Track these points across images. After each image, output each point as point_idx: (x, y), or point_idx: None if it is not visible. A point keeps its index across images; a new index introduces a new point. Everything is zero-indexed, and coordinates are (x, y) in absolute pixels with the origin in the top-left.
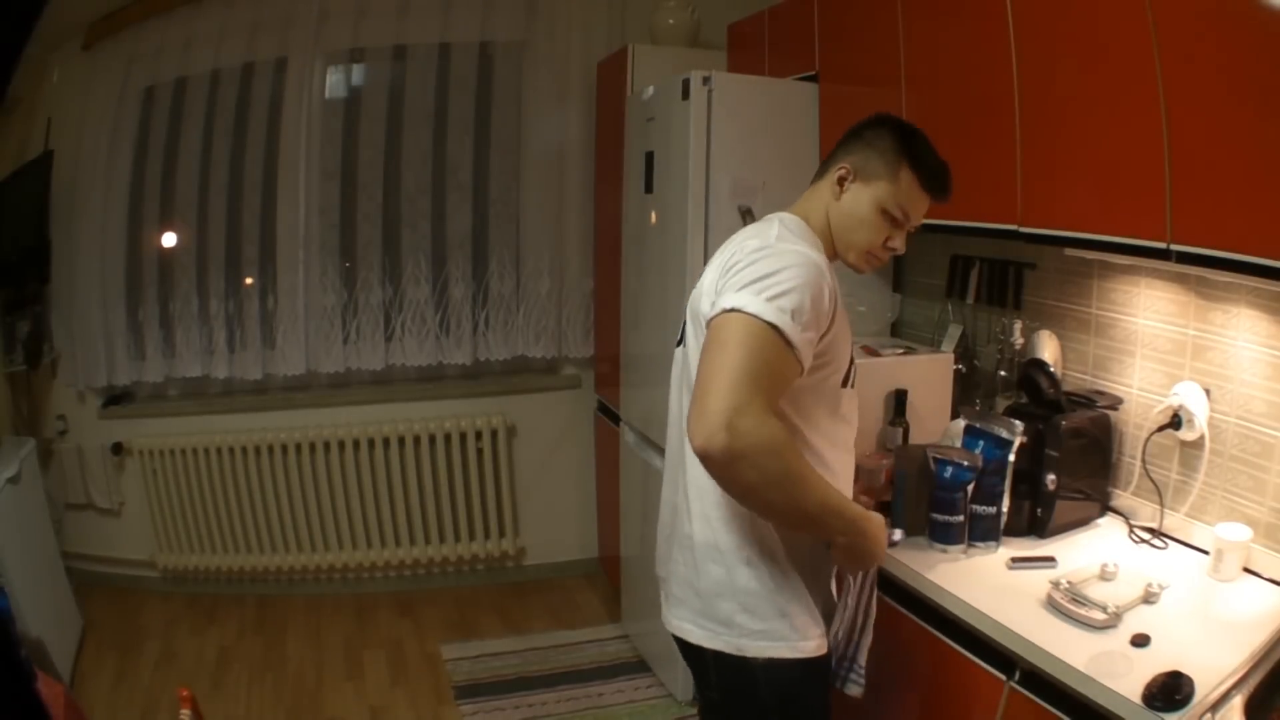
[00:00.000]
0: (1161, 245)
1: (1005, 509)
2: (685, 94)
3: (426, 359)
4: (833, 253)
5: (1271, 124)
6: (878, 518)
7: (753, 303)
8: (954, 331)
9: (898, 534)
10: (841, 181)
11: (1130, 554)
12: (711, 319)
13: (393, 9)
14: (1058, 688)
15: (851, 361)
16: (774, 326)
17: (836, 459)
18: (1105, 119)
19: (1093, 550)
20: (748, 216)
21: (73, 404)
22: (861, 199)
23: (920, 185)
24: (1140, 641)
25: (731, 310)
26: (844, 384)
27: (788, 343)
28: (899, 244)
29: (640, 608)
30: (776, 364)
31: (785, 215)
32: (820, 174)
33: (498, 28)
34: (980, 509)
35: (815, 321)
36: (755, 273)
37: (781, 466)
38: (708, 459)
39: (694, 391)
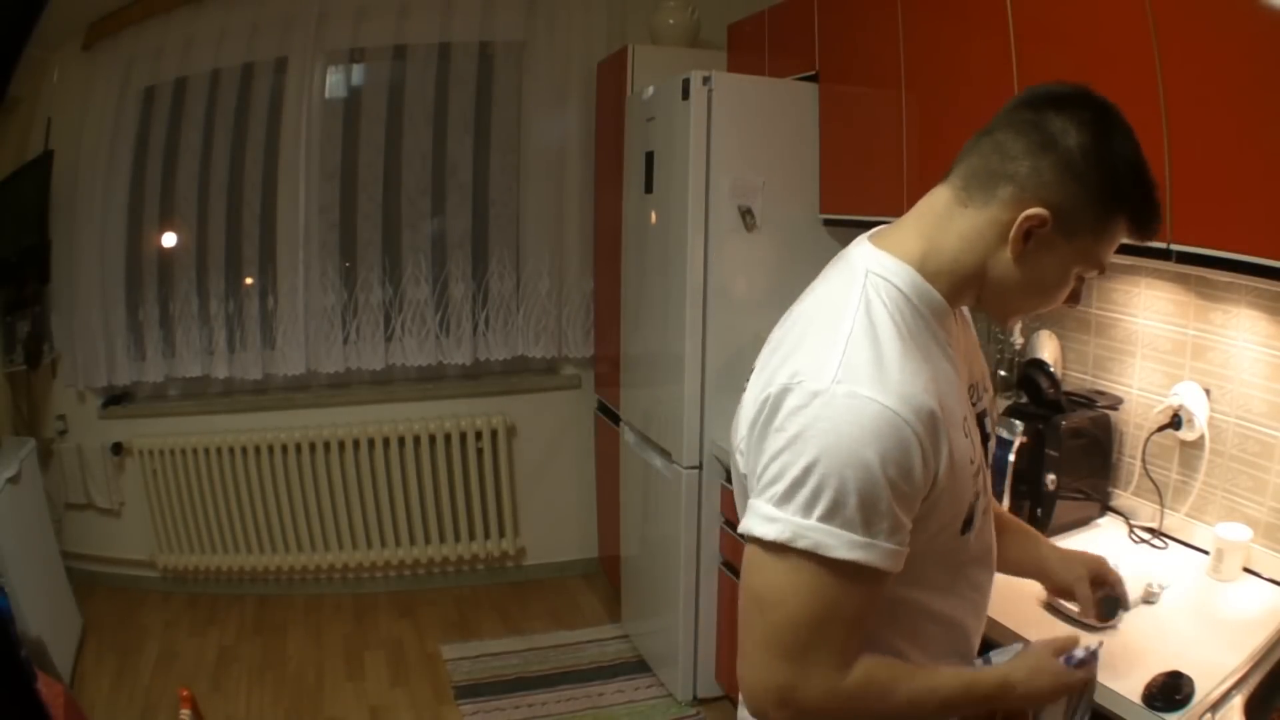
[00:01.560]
0: (1161, 245)
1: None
2: (685, 94)
3: (426, 359)
4: (966, 300)
5: (1271, 124)
6: (1027, 663)
7: (801, 530)
8: None
9: (1094, 641)
10: (1029, 235)
11: (1130, 554)
12: (740, 532)
13: (393, 9)
14: None
15: (977, 496)
16: (842, 562)
17: (967, 614)
18: None
19: (1093, 550)
20: (747, 216)
21: (73, 404)
22: (1056, 259)
23: (1131, 230)
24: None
25: (762, 542)
26: (965, 529)
27: (863, 569)
28: (1080, 298)
29: (640, 608)
30: (847, 603)
31: (883, 268)
32: (970, 185)
33: (498, 28)
34: None
35: (898, 509)
36: (796, 464)
37: (870, 711)
38: None
39: (739, 633)
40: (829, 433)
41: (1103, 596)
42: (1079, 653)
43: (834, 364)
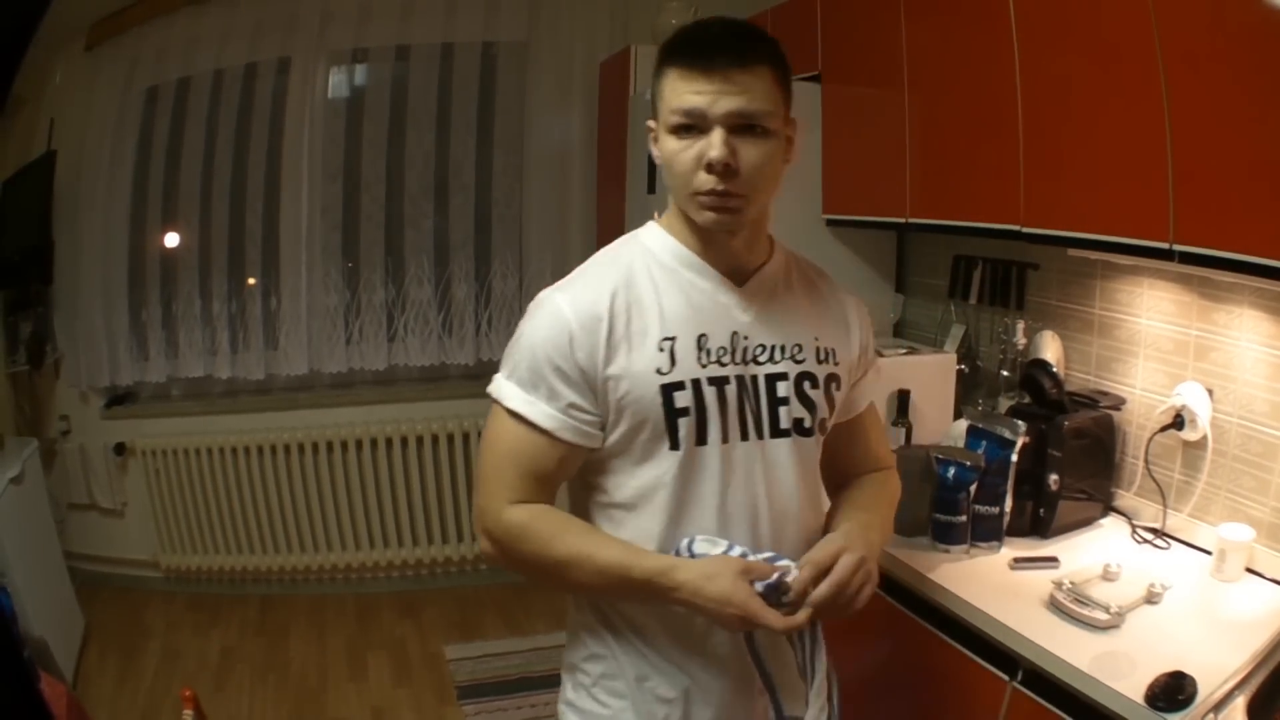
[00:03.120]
0: (1164, 245)
1: (1008, 509)
2: None
3: (429, 359)
4: (699, 232)
5: (1275, 123)
6: (706, 566)
7: (498, 384)
8: (957, 332)
9: (788, 572)
10: (655, 140)
11: (1133, 554)
12: None
13: (396, 10)
14: (1060, 688)
15: (682, 413)
16: (504, 407)
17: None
18: (1108, 119)
19: (1095, 550)
20: None
21: (75, 404)
22: (661, 138)
23: (675, 66)
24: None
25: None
26: (674, 445)
27: (527, 422)
28: (716, 152)
29: None
30: (518, 449)
31: (645, 229)
32: None
33: (500, 28)
34: (983, 509)
35: (557, 382)
36: (512, 341)
37: (531, 553)
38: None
39: None
40: (527, 319)
41: (777, 580)
42: (772, 579)
43: (561, 283)
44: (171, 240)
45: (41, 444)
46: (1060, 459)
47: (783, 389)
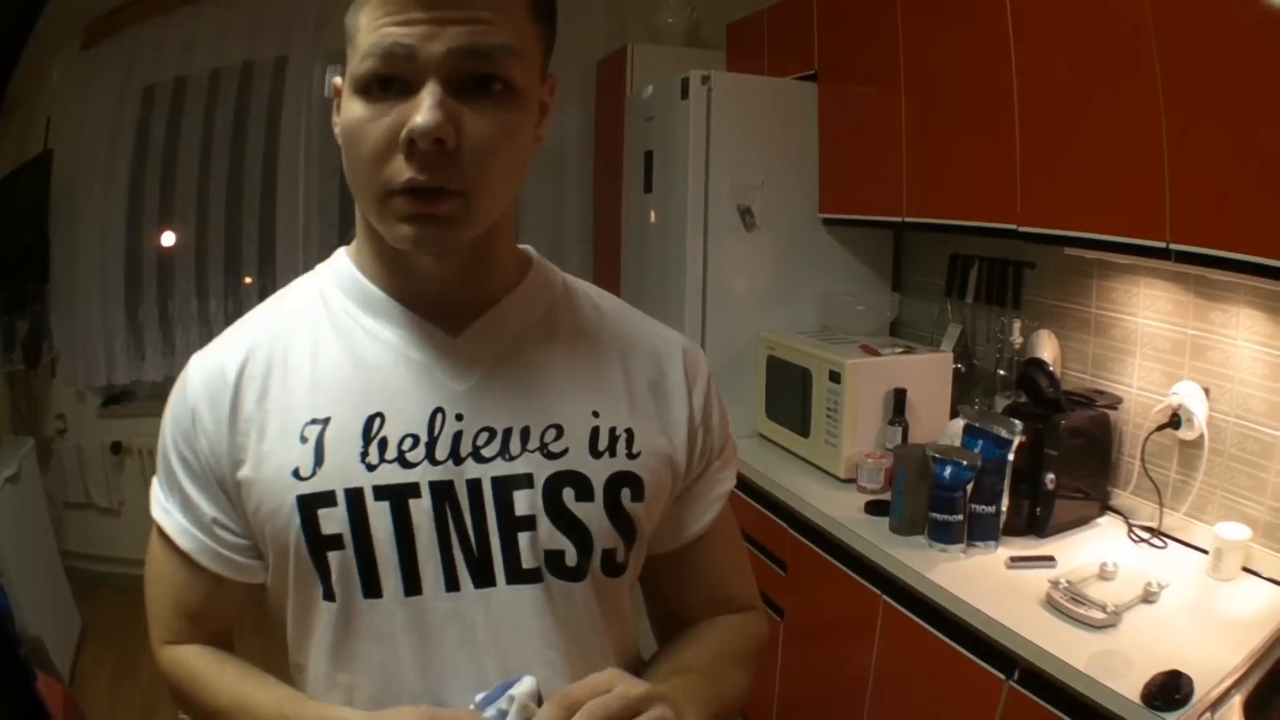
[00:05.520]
0: (1161, 244)
1: (1004, 508)
2: (685, 93)
3: None
4: (390, 253)
5: (1270, 123)
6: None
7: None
8: (953, 331)
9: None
10: (337, 108)
11: (1129, 553)
12: None
13: None
14: (1057, 687)
15: (341, 545)
16: (156, 522)
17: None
18: (1104, 118)
19: (1092, 549)
20: (747, 216)
21: (72, 403)
22: (344, 103)
23: None
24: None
25: None
26: (327, 594)
27: (169, 538)
28: (423, 117)
29: (638, 607)
30: (166, 572)
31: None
32: None
33: None
34: (979, 508)
35: (186, 481)
36: None
37: (198, 704)
38: None
39: None
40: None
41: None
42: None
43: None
44: (168, 239)
45: (38, 443)
46: (1057, 458)
47: (523, 503)
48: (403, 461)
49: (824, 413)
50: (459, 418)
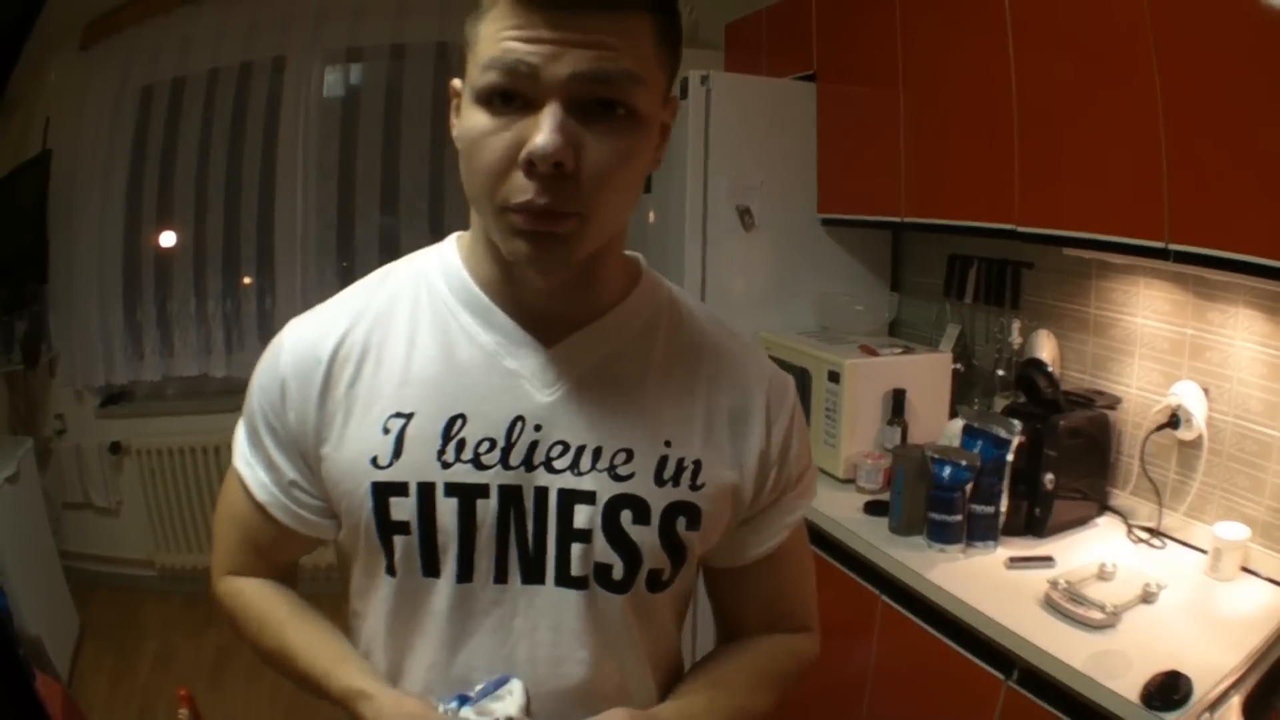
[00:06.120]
0: (1159, 245)
1: (1003, 508)
2: (683, 93)
3: None
4: (501, 261)
5: (1269, 123)
6: (403, 706)
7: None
8: (952, 331)
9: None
10: (455, 108)
11: (1128, 553)
12: None
13: (391, 8)
14: (1056, 687)
15: (408, 531)
16: (235, 469)
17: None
18: (1103, 118)
19: (1091, 550)
20: (746, 216)
21: (70, 403)
22: (464, 109)
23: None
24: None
25: None
26: (390, 568)
27: (247, 486)
28: (543, 138)
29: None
30: (239, 513)
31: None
32: None
33: None
34: (978, 508)
35: (269, 442)
36: None
37: (248, 637)
38: None
39: None
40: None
41: None
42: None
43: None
44: (166, 239)
45: (36, 443)
46: (1056, 458)
47: (582, 517)
48: (477, 463)
49: (823, 413)
50: (537, 428)
